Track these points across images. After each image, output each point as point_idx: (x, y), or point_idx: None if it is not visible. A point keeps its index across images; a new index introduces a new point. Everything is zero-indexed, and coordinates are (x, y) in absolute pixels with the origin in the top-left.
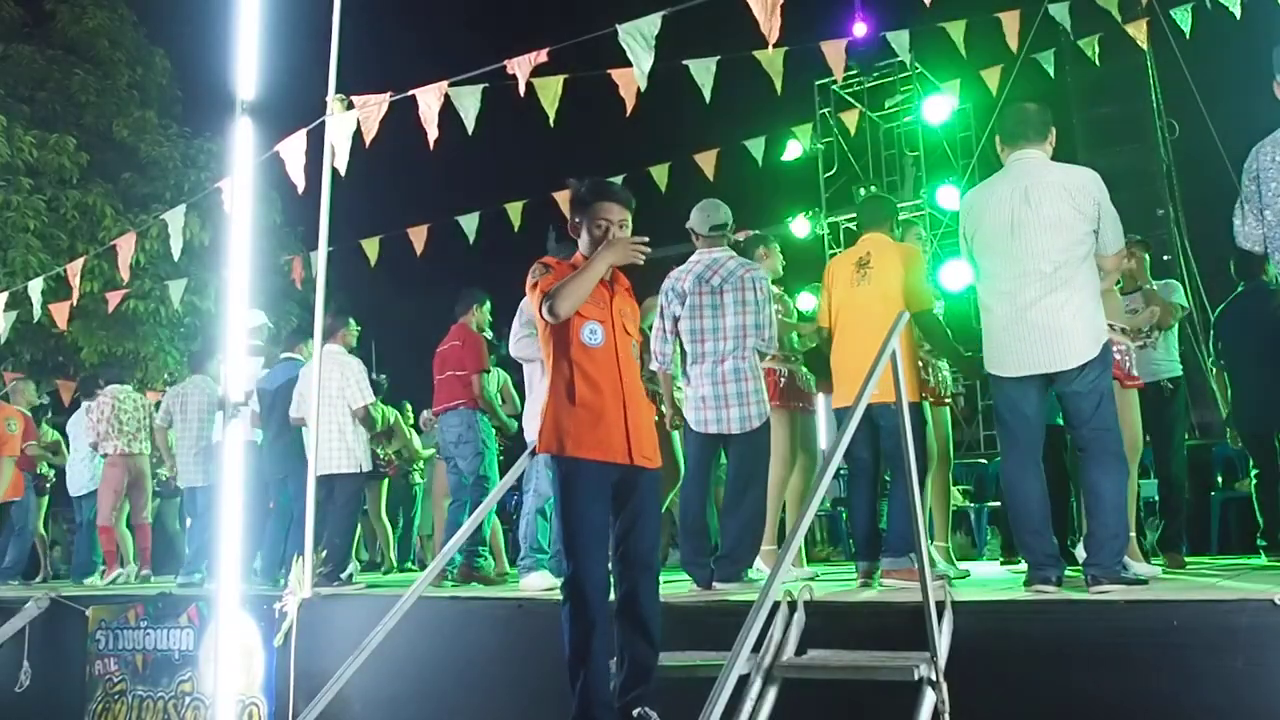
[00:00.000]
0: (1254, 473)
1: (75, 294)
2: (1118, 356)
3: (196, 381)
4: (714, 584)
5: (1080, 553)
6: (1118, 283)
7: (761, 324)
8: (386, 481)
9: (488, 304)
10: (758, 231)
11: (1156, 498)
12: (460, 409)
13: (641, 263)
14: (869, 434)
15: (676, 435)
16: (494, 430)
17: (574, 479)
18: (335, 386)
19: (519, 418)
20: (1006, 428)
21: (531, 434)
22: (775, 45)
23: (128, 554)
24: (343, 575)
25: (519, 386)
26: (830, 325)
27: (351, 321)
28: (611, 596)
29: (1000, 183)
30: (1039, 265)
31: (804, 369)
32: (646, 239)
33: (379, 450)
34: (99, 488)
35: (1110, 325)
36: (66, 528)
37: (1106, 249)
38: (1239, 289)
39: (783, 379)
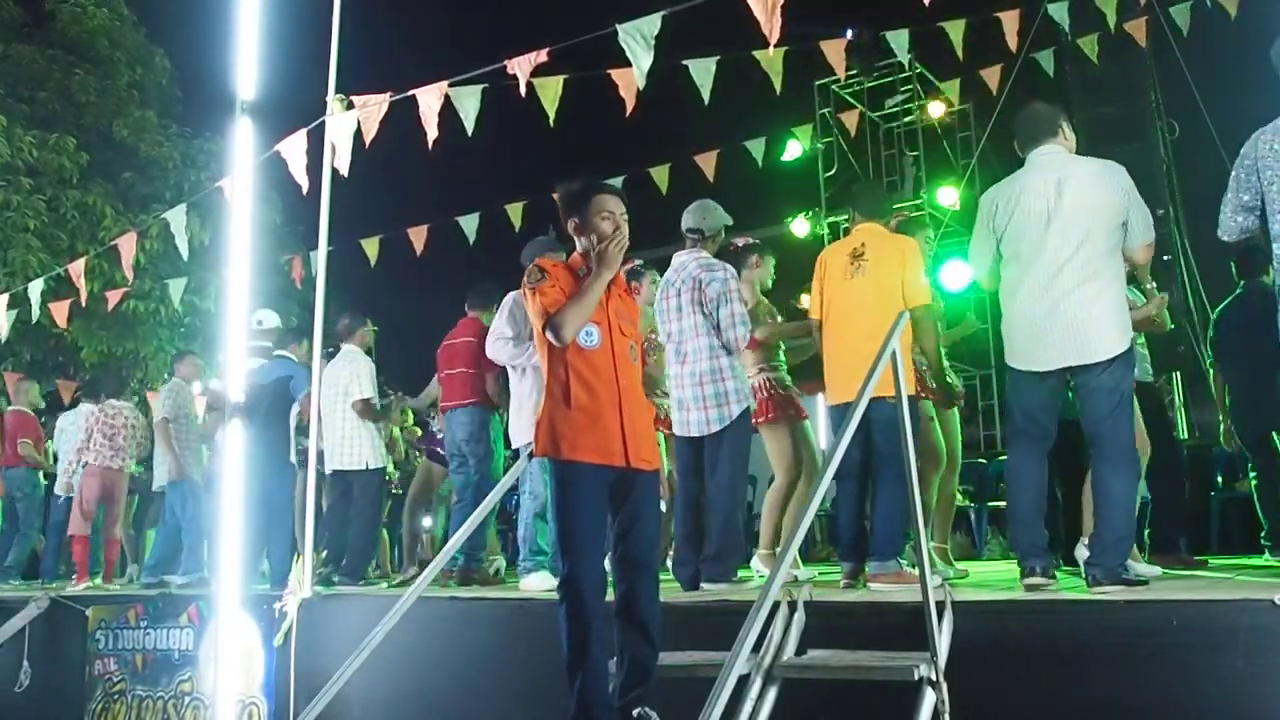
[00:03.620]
0: (1253, 475)
1: (83, 294)
2: None
3: (170, 384)
4: (702, 584)
5: (1082, 552)
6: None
7: (721, 324)
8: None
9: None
10: (754, 240)
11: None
12: (473, 407)
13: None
14: (861, 430)
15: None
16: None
17: (570, 481)
18: (343, 384)
19: None
20: (1013, 421)
21: (517, 436)
22: (775, 45)
23: (130, 554)
24: (366, 575)
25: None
26: (821, 317)
27: (369, 322)
28: (611, 596)
29: (1029, 175)
30: (1073, 256)
31: (788, 378)
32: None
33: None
34: (74, 497)
35: None
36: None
37: (1135, 240)
38: (1239, 289)
39: (771, 389)
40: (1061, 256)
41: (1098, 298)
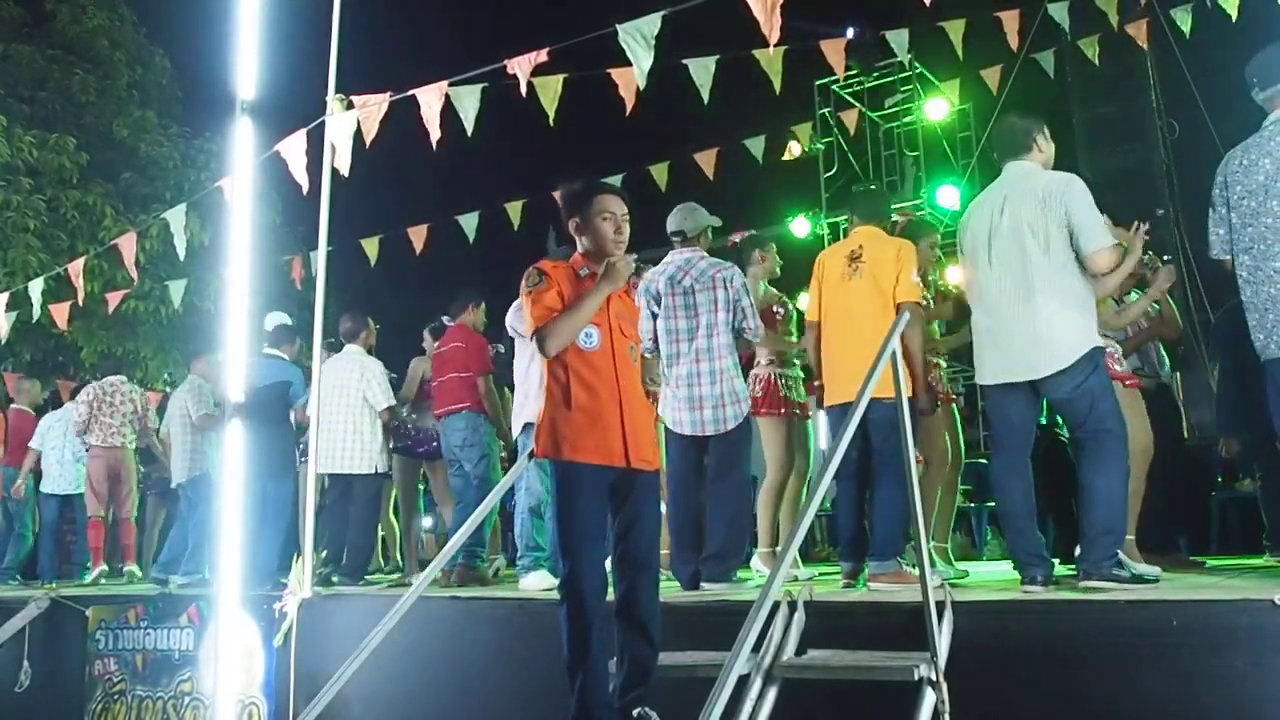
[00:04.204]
0: (1258, 475)
1: (80, 294)
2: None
3: (188, 381)
4: (702, 584)
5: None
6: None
7: (740, 317)
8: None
9: (483, 305)
10: (753, 233)
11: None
12: (464, 412)
13: (631, 273)
14: (858, 430)
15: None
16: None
17: (571, 481)
18: (354, 387)
19: None
20: (994, 432)
21: (520, 422)
22: (775, 45)
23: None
24: (368, 575)
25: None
26: (819, 319)
27: (370, 322)
28: (611, 596)
29: (987, 195)
30: (1014, 272)
31: (799, 374)
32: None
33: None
34: (85, 483)
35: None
36: (66, 528)
37: (1084, 247)
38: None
39: (776, 384)
40: (1004, 275)
41: (1039, 312)
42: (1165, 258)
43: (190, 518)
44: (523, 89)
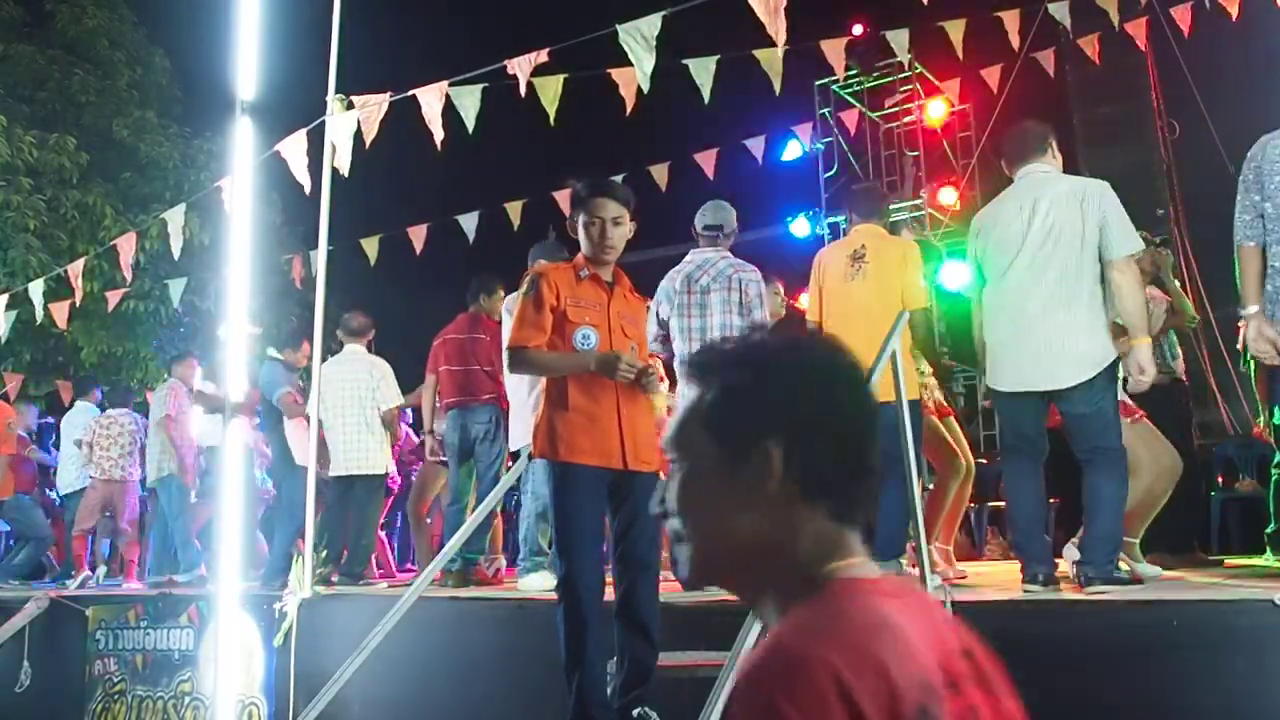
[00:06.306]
0: (1276, 469)
1: (79, 294)
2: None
3: (166, 385)
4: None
5: (1072, 552)
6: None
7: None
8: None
9: (499, 292)
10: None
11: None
12: (491, 404)
13: (628, 381)
14: None
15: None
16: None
17: (568, 482)
18: (365, 387)
19: None
20: (1004, 438)
21: (516, 439)
22: (775, 46)
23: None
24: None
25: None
26: (820, 320)
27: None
28: (610, 596)
29: (1009, 198)
30: (1044, 280)
31: None
32: (637, 366)
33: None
34: (81, 499)
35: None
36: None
37: (1110, 252)
38: None
39: None
40: (1031, 280)
41: (1069, 323)
42: (1164, 251)
43: (169, 516)
44: (522, 89)
